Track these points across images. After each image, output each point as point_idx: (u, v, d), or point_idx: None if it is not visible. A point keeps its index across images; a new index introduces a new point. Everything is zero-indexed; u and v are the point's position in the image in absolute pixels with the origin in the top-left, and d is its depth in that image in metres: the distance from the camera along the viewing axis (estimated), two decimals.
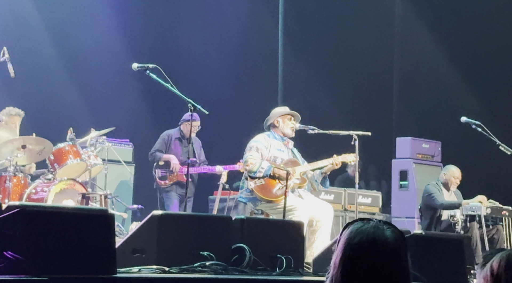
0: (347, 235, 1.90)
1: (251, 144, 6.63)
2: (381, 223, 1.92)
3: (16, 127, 7.43)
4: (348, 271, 1.86)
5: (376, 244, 1.86)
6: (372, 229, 1.90)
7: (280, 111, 6.80)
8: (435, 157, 9.91)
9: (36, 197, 6.82)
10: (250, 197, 6.56)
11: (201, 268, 4.42)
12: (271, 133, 6.73)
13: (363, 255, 1.86)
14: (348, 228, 1.93)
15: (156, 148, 8.35)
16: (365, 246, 1.86)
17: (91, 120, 8.84)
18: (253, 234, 4.99)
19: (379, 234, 1.88)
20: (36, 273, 3.24)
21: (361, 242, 1.86)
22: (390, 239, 1.88)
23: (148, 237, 4.45)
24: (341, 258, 1.88)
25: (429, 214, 8.34)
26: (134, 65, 6.04)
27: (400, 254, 1.89)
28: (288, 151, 6.75)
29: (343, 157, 6.68)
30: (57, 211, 3.81)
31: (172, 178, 8.24)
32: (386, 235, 1.88)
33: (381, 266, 1.85)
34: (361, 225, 1.91)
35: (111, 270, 3.64)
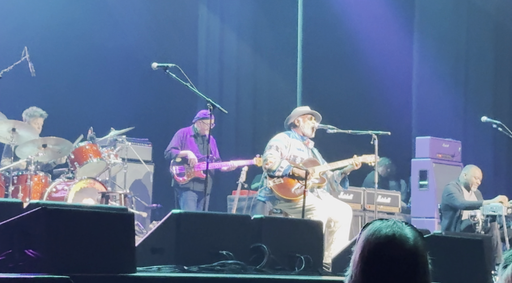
0: (366, 232, 1.91)
1: (271, 143, 6.62)
2: (400, 222, 1.93)
3: (39, 127, 7.49)
4: (367, 268, 1.87)
5: (395, 241, 1.88)
6: (390, 227, 1.91)
7: (301, 110, 6.79)
8: (455, 157, 9.84)
9: (57, 195, 6.88)
10: (269, 196, 6.56)
11: (219, 267, 4.42)
12: (291, 132, 6.72)
13: (382, 251, 1.87)
14: (367, 226, 1.94)
15: (172, 145, 8.35)
16: (384, 242, 1.87)
17: (111, 119, 8.88)
18: (271, 233, 4.99)
19: (398, 231, 1.89)
20: (56, 271, 3.26)
21: (380, 238, 1.88)
22: (409, 236, 1.90)
23: (167, 236, 4.47)
24: (360, 255, 1.89)
25: (449, 214, 8.29)
26: (153, 65, 6.06)
27: (419, 251, 1.90)
28: (308, 151, 6.73)
29: (364, 157, 6.65)
30: (77, 210, 3.83)
31: (190, 175, 8.23)
32: (405, 232, 1.90)
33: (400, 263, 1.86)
34: (380, 223, 1.92)
35: (131, 269, 3.65)
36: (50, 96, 9.04)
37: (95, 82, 9.92)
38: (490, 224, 7.88)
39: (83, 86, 9.82)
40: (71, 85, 9.72)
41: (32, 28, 9.36)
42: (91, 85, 9.88)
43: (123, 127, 8.15)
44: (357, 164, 6.58)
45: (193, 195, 8.25)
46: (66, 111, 9.24)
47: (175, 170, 8.25)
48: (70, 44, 9.71)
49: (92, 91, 9.86)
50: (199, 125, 8.30)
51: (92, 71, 9.89)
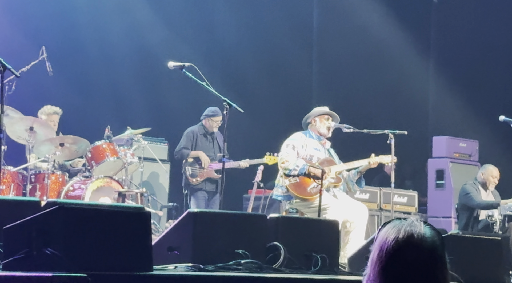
0: (384, 231, 1.90)
1: (287, 142, 6.63)
2: (418, 221, 1.92)
3: (54, 125, 7.54)
4: (386, 268, 1.86)
5: (414, 239, 1.86)
6: (409, 225, 1.90)
7: (319, 111, 6.79)
8: (472, 156, 9.78)
9: (74, 194, 6.92)
10: (285, 194, 6.56)
11: (236, 266, 4.42)
12: (308, 132, 6.72)
13: (400, 250, 1.86)
14: (385, 226, 1.93)
15: (182, 145, 8.34)
16: (402, 241, 1.86)
17: (128, 118, 8.92)
18: (288, 232, 4.98)
19: (416, 230, 1.88)
20: (74, 269, 3.28)
21: (398, 238, 1.87)
22: (428, 235, 1.89)
23: (183, 235, 4.47)
24: (378, 254, 1.88)
25: (466, 214, 8.24)
26: (170, 64, 6.08)
27: (437, 250, 1.89)
28: (325, 151, 6.73)
29: (380, 158, 6.63)
30: (94, 208, 3.85)
31: (202, 175, 8.24)
32: (423, 232, 1.89)
33: (418, 262, 1.85)
34: (398, 222, 1.91)
35: (148, 267, 3.66)
36: (67, 95, 9.09)
37: (111, 81, 9.96)
38: (507, 224, 7.83)
39: (100, 85, 9.87)
40: (88, 85, 9.77)
41: (50, 28, 9.42)
42: (107, 84, 9.93)
43: (140, 126, 8.18)
44: (374, 163, 6.56)
45: (204, 194, 8.26)
46: (83, 110, 9.29)
47: (188, 171, 8.27)
48: (87, 44, 9.76)
49: (108, 90, 9.90)
50: (207, 122, 8.31)
51: (109, 70, 9.93)
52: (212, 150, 8.33)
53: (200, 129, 8.40)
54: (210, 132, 8.36)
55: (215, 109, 8.27)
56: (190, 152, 8.27)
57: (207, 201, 8.30)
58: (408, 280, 1.83)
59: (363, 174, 6.68)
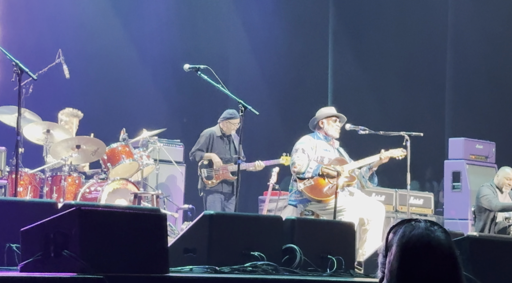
0: (400, 239, 1.89)
1: (296, 146, 6.61)
2: (430, 224, 1.91)
3: (74, 128, 7.58)
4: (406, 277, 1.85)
5: (432, 246, 1.86)
6: (424, 231, 1.89)
7: (325, 112, 6.76)
8: (489, 158, 9.72)
9: (90, 196, 6.95)
10: (300, 199, 6.55)
11: (251, 268, 4.42)
12: (315, 134, 6.71)
13: (420, 259, 1.85)
14: (398, 231, 1.92)
15: (198, 147, 8.32)
16: (421, 249, 1.85)
17: (143, 120, 8.95)
18: (303, 234, 4.98)
19: (433, 237, 1.88)
20: (91, 271, 3.30)
21: (416, 247, 1.86)
22: (443, 240, 1.88)
23: (199, 237, 4.48)
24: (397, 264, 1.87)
25: (483, 216, 8.19)
26: (185, 66, 6.09)
27: (454, 255, 1.89)
28: (335, 151, 6.72)
29: (391, 152, 6.61)
30: (111, 210, 3.87)
31: (218, 177, 8.23)
32: (439, 237, 1.88)
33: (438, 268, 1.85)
34: (411, 228, 1.90)
35: (164, 269, 3.67)
36: (83, 98, 9.14)
37: (127, 83, 10.01)
38: None
39: (115, 87, 9.91)
40: (104, 87, 9.81)
41: (66, 30, 9.48)
42: (123, 87, 9.97)
43: (155, 128, 8.20)
44: (385, 158, 6.55)
45: (219, 196, 8.24)
46: (99, 112, 9.33)
47: (204, 173, 8.26)
48: (103, 46, 9.80)
49: (124, 93, 9.94)
50: (225, 125, 8.28)
51: (125, 73, 9.97)
52: (228, 152, 8.32)
53: (217, 131, 8.38)
54: (227, 135, 8.35)
55: (233, 112, 8.20)
56: (204, 154, 8.26)
57: (223, 202, 8.29)
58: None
59: (375, 170, 6.67)
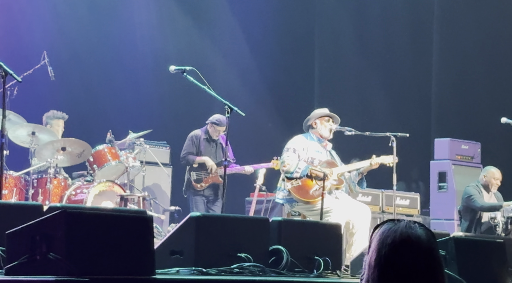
0: (380, 235, 1.91)
1: (288, 145, 6.62)
2: (412, 222, 1.93)
3: (60, 130, 7.55)
4: (385, 271, 1.86)
5: (411, 242, 1.87)
6: (404, 228, 1.90)
7: (319, 113, 6.78)
8: (474, 158, 9.77)
9: (76, 198, 6.92)
10: (287, 198, 6.55)
11: (238, 270, 4.42)
12: (309, 135, 6.72)
13: (398, 253, 1.87)
14: (379, 229, 1.93)
15: (188, 150, 8.34)
16: (399, 244, 1.87)
17: (129, 122, 8.92)
18: (290, 235, 4.98)
19: (412, 232, 1.90)
20: (76, 273, 3.28)
21: (395, 241, 1.87)
22: (423, 237, 1.90)
23: (186, 239, 4.47)
24: (376, 258, 1.88)
25: (469, 216, 8.23)
26: (171, 68, 6.08)
27: (434, 251, 1.90)
28: (327, 153, 6.72)
29: (382, 158, 6.63)
30: (97, 212, 3.85)
31: (207, 180, 8.25)
32: (419, 233, 1.90)
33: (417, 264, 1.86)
34: (392, 225, 1.92)
35: (150, 271, 3.66)
36: (69, 100, 9.10)
37: (113, 85, 9.97)
38: (510, 226, 7.82)
39: (101, 89, 9.88)
40: (89, 89, 9.77)
41: (51, 32, 9.43)
42: (109, 89, 9.93)
43: (141, 130, 8.18)
44: (375, 164, 6.57)
45: (203, 198, 8.28)
46: (85, 114, 9.30)
47: (193, 176, 8.27)
48: (88, 48, 9.77)
49: (110, 94, 9.91)
50: (211, 129, 8.31)
51: (110, 74, 9.94)
52: (215, 155, 8.34)
53: (203, 133, 8.40)
54: (212, 138, 8.37)
55: (221, 118, 8.16)
56: (196, 158, 8.28)
57: (206, 204, 8.31)
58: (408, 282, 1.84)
59: (365, 175, 6.69)
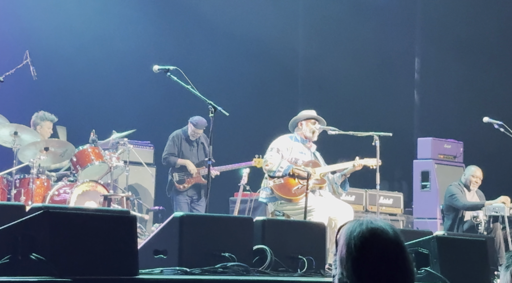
0: (346, 231, 1.93)
1: (272, 145, 6.66)
2: (373, 218, 1.97)
3: (49, 132, 7.52)
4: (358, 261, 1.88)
5: (378, 233, 1.90)
6: (369, 223, 1.94)
7: (305, 114, 6.82)
8: (457, 157, 9.83)
9: (59, 198, 6.89)
10: (270, 196, 6.57)
11: (222, 269, 4.42)
12: (294, 135, 6.75)
13: (367, 242, 1.90)
14: (343, 228, 1.96)
15: (169, 151, 8.40)
16: (368, 235, 1.90)
17: (113, 122, 8.89)
18: (274, 235, 4.99)
19: (377, 224, 1.94)
20: (59, 274, 3.27)
21: (363, 233, 1.90)
22: (388, 228, 1.93)
23: (169, 239, 4.47)
24: (347, 251, 1.90)
25: (452, 215, 8.28)
26: (155, 67, 6.07)
27: (400, 240, 1.93)
28: (311, 154, 6.76)
29: (365, 161, 6.67)
30: (79, 212, 3.84)
31: (190, 181, 8.30)
32: (382, 225, 1.94)
33: (387, 251, 1.89)
34: (356, 222, 1.96)
35: (133, 271, 3.65)
36: (51, 100, 9.05)
37: (96, 85, 9.93)
38: (492, 224, 7.87)
39: (84, 89, 9.83)
40: (72, 89, 9.72)
41: (34, 31, 9.37)
42: (92, 88, 9.89)
43: (125, 130, 8.16)
44: (358, 165, 6.60)
45: (186, 198, 8.32)
46: (68, 114, 9.24)
47: (175, 177, 8.31)
48: (71, 48, 9.72)
49: (93, 94, 9.86)
50: (190, 129, 8.38)
51: (93, 74, 9.89)
52: (196, 155, 8.41)
53: (184, 133, 8.47)
54: (191, 139, 8.44)
55: (199, 121, 8.26)
56: (177, 160, 8.32)
57: (190, 204, 8.34)
58: (381, 271, 1.85)
59: (348, 177, 6.72)
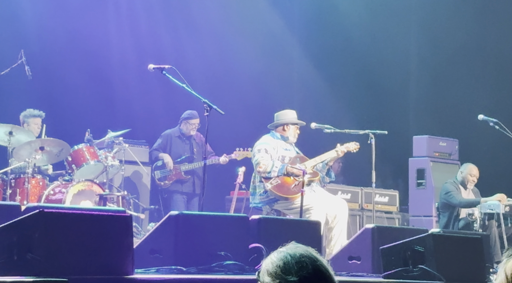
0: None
1: (259, 146, 6.65)
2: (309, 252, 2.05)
3: (37, 128, 7.50)
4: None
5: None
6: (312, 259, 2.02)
7: (292, 118, 6.83)
8: (452, 155, 9.85)
9: (54, 198, 6.88)
10: (266, 200, 6.57)
11: (218, 268, 4.42)
12: (273, 134, 6.77)
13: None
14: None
15: (154, 147, 8.48)
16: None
17: (108, 121, 8.88)
18: (269, 233, 4.99)
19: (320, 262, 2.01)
20: (55, 274, 3.26)
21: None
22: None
23: (165, 237, 4.47)
24: None
25: (447, 212, 8.30)
26: (150, 66, 6.07)
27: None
28: (294, 149, 6.83)
29: (346, 146, 6.72)
30: (75, 212, 3.83)
31: (171, 178, 8.32)
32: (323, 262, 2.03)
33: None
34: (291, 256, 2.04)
35: (129, 271, 3.65)
36: (46, 99, 9.02)
37: (91, 84, 9.90)
38: (488, 222, 7.88)
39: (79, 88, 9.80)
40: (67, 88, 9.70)
41: (29, 31, 9.35)
42: (87, 87, 9.86)
43: (120, 129, 8.15)
44: (341, 152, 6.65)
45: (182, 196, 8.32)
46: (63, 113, 9.23)
47: (157, 175, 8.34)
48: (66, 47, 9.69)
49: (88, 93, 9.84)
50: (184, 125, 8.41)
51: (89, 73, 9.87)
52: (188, 152, 8.42)
53: (176, 132, 8.52)
54: (187, 135, 8.44)
55: (191, 112, 8.41)
56: (159, 154, 8.36)
57: (187, 203, 8.35)
58: None
59: (331, 165, 6.77)
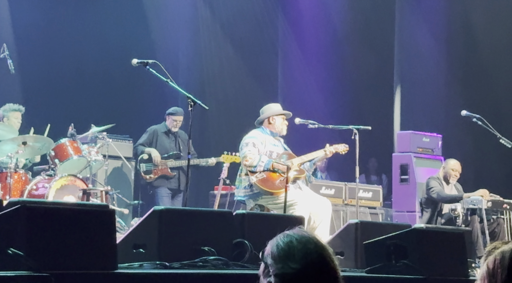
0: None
1: (246, 140, 6.65)
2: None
3: (18, 123, 7.45)
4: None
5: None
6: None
7: (276, 110, 6.83)
8: (435, 150, 9.90)
9: (37, 193, 6.84)
10: (250, 194, 6.57)
11: (202, 263, 4.42)
12: (262, 129, 6.77)
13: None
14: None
15: (140, 141, 8.49)
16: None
17: (92, 116, 8.84)
18: (254, 229, 4.99)
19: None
20: (37, 269, 3.24)
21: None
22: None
23: (149, 233, 4.45)
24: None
25: (430, 208, 8.34)
26: (133, 61, 6.03)
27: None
28: (282, 146, 6.82)
29: (335, 147, 6.74)
30: (57, 207, 3.81)
31: (156, 172, 8.32)
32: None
33: None
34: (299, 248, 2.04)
35: (112, 266, 3.64)
36: (30, 93, 8.97)
37: (75, 78, 9.86)
38: (470, 217, 7.94)
39: (63, 82, 9.75)
40: (51, 82, 9.64)
41: (11, 25, 9.28)
42: (71, 82, 9.82)
43: (104, 124, 8.12)
44: (329, 153, 6.67)
45: (167, 192, 8.34)
46: (46, 108, 9.18)
47: (142, 168, 8.34)
48: (49, 41, 9.63)
49: (72, 88, 9.79)
50: (169, 121, 8.43)
51: (72, 67, 9.82)
52: (174, 148, 8.42)
53: (163, 127, 8.52)
54: (172, 131, 8.44)
55: (176, 108, 8.45)
56: (145, 149, 8.36)
57: (172, 198, 8.36)
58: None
59: (319, 165, 6.80)
